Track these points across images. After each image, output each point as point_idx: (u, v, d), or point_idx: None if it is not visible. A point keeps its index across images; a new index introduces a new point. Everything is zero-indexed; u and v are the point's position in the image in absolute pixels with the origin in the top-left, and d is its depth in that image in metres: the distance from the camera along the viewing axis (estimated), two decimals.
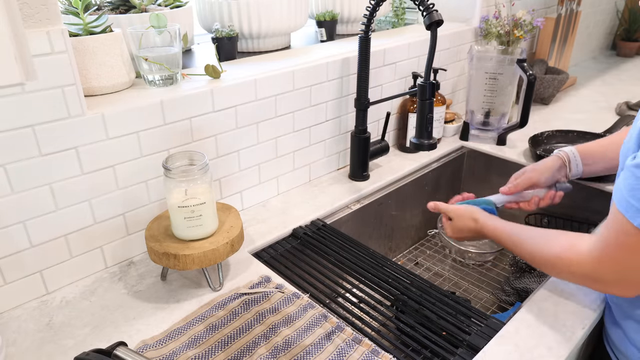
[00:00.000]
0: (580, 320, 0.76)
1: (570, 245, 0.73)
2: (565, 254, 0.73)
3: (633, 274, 0.66)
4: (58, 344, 0.72)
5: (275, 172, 1.11)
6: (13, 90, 0.69)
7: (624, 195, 0.64)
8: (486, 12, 1.55)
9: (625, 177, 0.64)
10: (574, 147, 1.03)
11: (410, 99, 1.35)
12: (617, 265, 0.66)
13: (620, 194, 0.65)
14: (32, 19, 0.68)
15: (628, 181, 0.63)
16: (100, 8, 1.00)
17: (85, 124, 0.77)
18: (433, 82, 0.93)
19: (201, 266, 0.79)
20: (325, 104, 1.15)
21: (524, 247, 0.81)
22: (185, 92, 0.89)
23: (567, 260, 0.72)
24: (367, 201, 1.17)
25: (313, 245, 0.97)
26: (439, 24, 0.89)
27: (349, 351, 0.70)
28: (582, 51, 2.37)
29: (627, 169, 0.64)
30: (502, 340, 0.73)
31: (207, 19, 1.18)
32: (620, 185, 0.65)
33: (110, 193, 0.84)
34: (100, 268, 0.88)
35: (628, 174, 0.64)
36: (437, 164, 1.36)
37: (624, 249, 0.64)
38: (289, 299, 0.80)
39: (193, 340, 0.72)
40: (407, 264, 1.35)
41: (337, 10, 1.39)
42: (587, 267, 0.69)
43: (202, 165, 0.78)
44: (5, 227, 0.74)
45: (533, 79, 1.28)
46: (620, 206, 0.64)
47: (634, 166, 0.63)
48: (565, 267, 0.73)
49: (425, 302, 0.82)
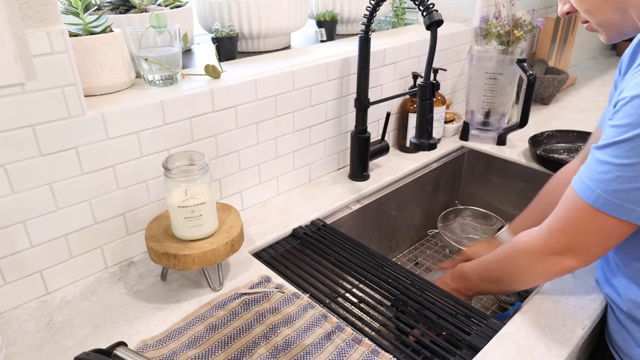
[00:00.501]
0: (580, 320, 0.76)
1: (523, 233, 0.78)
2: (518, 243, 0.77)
3: (579, 245, 0.69)
4: (58, 344, 0.73)
5: (275, 172, 1.11)
6: (13, 90, 0.69)
7: (580, 175, 0.68)
8: (486, 12, 1.55)
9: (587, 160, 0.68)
10: (508, 225, 1.05)
11: (410, 99, 1.35)
12: (564, 236, 0.70)
13: (578, 175, 0.69)
14: (32, 19, 0.68)
15: (587, 163, 0.68)
16: (100, 8, 1.00)
17: (85, 124, 0.77)
18: (433, 82, 0.93)
19: (201, 266, 0.79)
20: (325, 104, 1.15)
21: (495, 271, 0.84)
22: (185, 92, 0.89)
23: (522, 246, 0.76)
24: (367, 201, 1.17)
25: (313, 245, 0.97)
26: (439, 24, 0.89)
27: (349, 351, 0.70)
28: (582, 51, 2.37)
29: (590, 151, 0.68)
30: (502, 340, 0.73)
31: (207, 19, 1.18)
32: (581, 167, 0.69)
33: (110, 193, 0.84)
34: (100, 268, 0.88)
35: (590, 157, 0.67)
36: (437, 164, 1.36)
37: (572, 222, 0.69)
38: (289, 299, 0.80)
39: (193, 340, 0.72)
40: (407, 264, 1.35)
41: (337, 10, 1.39)
42: (539, 243, 0.73)
43: (202, 165, 0.78)
44: (5, 227, 0.74)
45: (533, 79, 1.28)
46: (575, 186, 0.68)
47: (594, 148, 0.66)
48: (524, 254, 0.76)
49: (425, 302, 0.82)
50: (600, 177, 0.64)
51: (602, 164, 0.64)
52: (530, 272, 0.77)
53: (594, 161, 0.66)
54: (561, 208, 0.71)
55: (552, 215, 0.73)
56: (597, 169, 0.65)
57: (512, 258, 0.79)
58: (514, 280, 0.81)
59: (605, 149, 0.64)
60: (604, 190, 0.64)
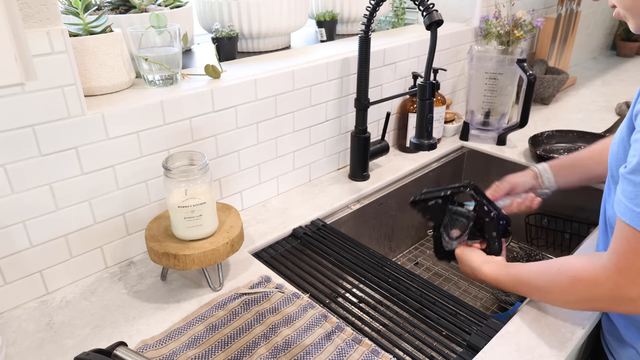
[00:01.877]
0: (580, 320, 0.76)
1: (585, 265, 0.68)
2: (581, 274, 0.67)
3: None
4: (58, 344, 0.73)
5: (275, 172, 1.11)
6: (13, 90, 0.69)
7: (626, 204, 0.62)
8: (486, 12, 1.55)
9: (623, 187, 0.63)
10: (547, 162, 1.05)
11: (410, 99, 1.35)
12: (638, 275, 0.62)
13: (622, 205, 0.63)
14: (32, 19, 0.68)
15: (626, 190, 0.62)
16: (100, 8, 1.00)
17: (85, 124, 0.77)
18: (433, 82, 0.93)
19: (201, 266, 0.79)
20: (325, 104, 1.15)
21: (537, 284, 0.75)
22: (185, 92, 0.89)
23: (586, 281, 0.67)
24: (367, 201, 1.17)
25: (313, 245, 0.97)
26: (439, 24, 0.89)
27: (349, 351, 0.70)
28: (582, 51, 2.37)
29: (622, 178, 0.63)
30: (502, 340, 0.73)
31: (207, 19, 1.18)
32: (619, 196, 0.64)
33: (110, 193, 0.84)
34: (100, 268, 0.88)
35: (625, 183, 0.62)
36: (437, 164, 1.36)
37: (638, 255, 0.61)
38: (289, 299, 0.80)
39: (193, 340, 0.72)
40: (407, 264, 1.35)
41: (337, 10, 1.39)
42: (609, 282, 0.64)
43: (202, 165, 0.78)
44: (5, 227, 0.74)
45: (533, 79, 1.28)
46: (625, 217, 0.62)
47: (629, 173, 0.61)
48: (585, 289, 0.67)
49: (425, 302, 0.82)
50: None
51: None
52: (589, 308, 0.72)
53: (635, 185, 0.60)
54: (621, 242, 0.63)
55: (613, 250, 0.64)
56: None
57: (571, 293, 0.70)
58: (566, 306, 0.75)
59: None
60: None
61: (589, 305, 0.70)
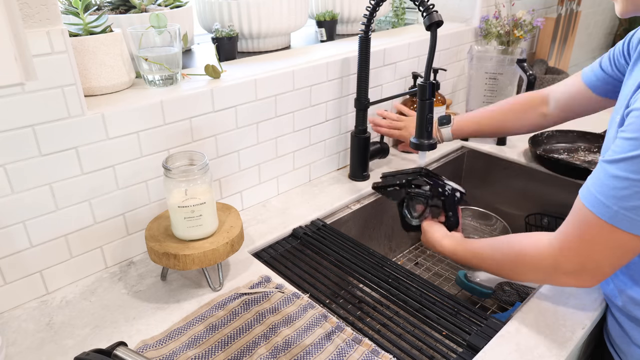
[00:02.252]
0: (580, 320, 0.76)
1: (531, 242, 0.75)
2: (526, 249, 0.75)
3: (592, 264, 0.67)
4: (58, 344, 0.73)
5: (275, 172, 1.11)
6: (13, 90, 0.69)
7: (590, 190, 0.65)
8: (486, 12, 1.55)
9: (596, 172, 0.65)
10: (453, 119, 1.15)
11: (410, 99, 1.35)
12: (577, 256, 0.67)
13: (587, 189, 0.66)
14: (32, 19, 0.68)
15: (597, 176, 0.65)
16: (100, 8, 1.00)
17: (85, 124, 0.77)
18: (433, 82, 0.93)
19: (201, 266, 0.79)
20: (325, 104, 1.15)
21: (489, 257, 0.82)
22: (185, 92, 0.89)
23: (530, 255, 0.74)
24: (367, 201, 1.17)
25: (313, 245, 0.97)
26: (438, 24, 0.88)
27: (349, 351, 0.70)
28: (582, 51, 2.37)
29: (599, 164, 0.65)
30: (502, 340, 0.73)
31: (207, 19, 1.18)
32: (589, 180, 0.66)
33: (110, 193, 0.84)
34: (100, 268, 0.88)
35: (598, 169, 0.65)
36: (437, 164, 1.36)
37: (585, 241, 0.66)
38: (289, 299, 0.80)
39: (193, 340, 0.72)
40: (407, 264, 1.35)
41: (337, 10, 1.39)
42: (549, 258, 0.71)
43: (202, 165, 0.78)
44: (5, 227, 0.74)
45: (533, 79, 1.28)
46: (586, 200, 0.65)
47: (605, 162, 0.64)
48: (529, 263, 0.74)
49: (425, 302, 0.82)
50: (617, 193, 0.61)
51: (618, 179, 0.61)
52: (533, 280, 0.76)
53: (607, 176, 0.62)
54: (572, 225, 0.68)
55: (562, 231, 0.70)
56: (612, 185, 0.61)
57: (517, 265, 0.76)
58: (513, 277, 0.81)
59: (620, 164, 0.61)
60: (622, 207, 0.61)
61: (532, 277, 0.76)
